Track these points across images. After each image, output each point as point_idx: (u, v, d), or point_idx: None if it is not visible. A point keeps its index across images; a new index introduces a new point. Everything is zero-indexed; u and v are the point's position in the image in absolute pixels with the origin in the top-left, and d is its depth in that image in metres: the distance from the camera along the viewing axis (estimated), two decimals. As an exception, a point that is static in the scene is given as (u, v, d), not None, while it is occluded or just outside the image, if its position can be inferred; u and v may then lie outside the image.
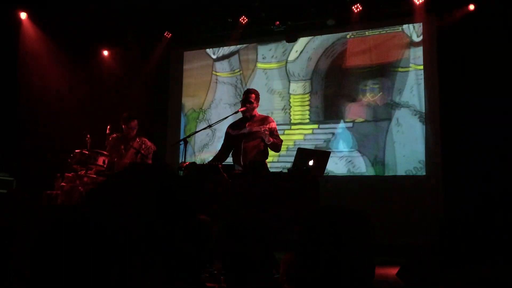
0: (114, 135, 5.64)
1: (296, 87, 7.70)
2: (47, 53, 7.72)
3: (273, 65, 7.93)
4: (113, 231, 0.87)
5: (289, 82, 7.77)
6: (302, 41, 7.74)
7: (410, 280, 3.55)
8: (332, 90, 7.45)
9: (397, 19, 7.05)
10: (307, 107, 7.57)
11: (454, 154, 6.30)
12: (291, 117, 7.65)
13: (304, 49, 7.72)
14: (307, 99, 7.58)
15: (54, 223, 1.26)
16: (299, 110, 7.63)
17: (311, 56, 7.65)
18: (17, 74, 7.56)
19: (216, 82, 8.26)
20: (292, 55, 7.82)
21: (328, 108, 7.43)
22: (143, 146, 5.56)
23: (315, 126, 7.48)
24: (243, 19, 7.62)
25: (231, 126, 5.01)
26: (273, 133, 4.75)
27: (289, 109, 7.68)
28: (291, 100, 7.69)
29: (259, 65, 8.03)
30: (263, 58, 8.01)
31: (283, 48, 7.87)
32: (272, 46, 7.97)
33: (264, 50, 8.04)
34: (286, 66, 7.83)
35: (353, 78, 7.31)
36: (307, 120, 7.55)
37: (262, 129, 4.63)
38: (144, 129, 6.66)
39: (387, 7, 6.97)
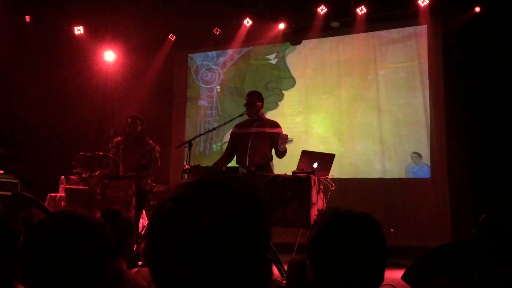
0: (118, 138, 5.64)
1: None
2: (51, 55, 7.75)
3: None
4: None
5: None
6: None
7: (416, 283, 3.52)
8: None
9: (402, 21, 7.03)
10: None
11: (459, 156, 6.28)
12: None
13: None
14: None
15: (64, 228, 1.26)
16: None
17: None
18: (21, 77, 7.59)
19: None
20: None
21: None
22: (147, 148, 5.54)
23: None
24: (247, 21, 7.63)
25: (237, 126, 4.94)
26: (279, 137, 4.76)
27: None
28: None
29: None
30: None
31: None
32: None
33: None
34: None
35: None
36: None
37: (281, 134, 4.61)
38: (148, 132, 6.66)
39: (392, 9, 6.96)
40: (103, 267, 1.27)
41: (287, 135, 4.61)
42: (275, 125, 4.85)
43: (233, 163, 5.01)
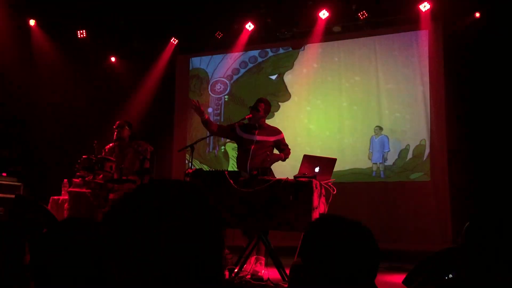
0: (110, 145, 5.70)
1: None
2: (54, 60, 7.79)
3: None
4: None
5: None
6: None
7: (417, 287, 3.53)
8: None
9: (404, 26, 7.07)
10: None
11: (459, 160, 6.31)
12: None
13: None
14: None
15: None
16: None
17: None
18: (24, 80, 7.63)
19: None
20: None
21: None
22: (140, 148, 5.58)
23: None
24: (249, 26, 7.67)
25: (241, 127, 4.98)
26: (281, 142, 4.91)
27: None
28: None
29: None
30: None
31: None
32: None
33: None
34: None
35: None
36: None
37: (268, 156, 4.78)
38: (150, 135, 6.70)
39: (393, 14, 6.99)
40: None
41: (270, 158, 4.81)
42: (277, 132, 4.95)
43: (233, 167, 5.11)
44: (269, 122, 5.17)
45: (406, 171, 6.79)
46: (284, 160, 4.93)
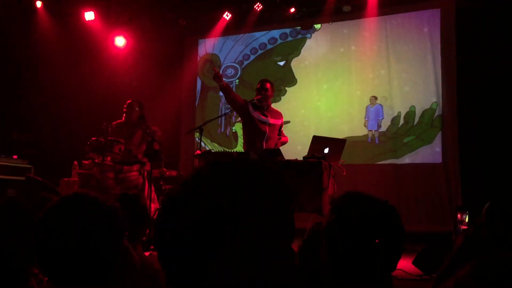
0: (116, 122, 5.69)
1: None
2: (63, 41, 7.77)
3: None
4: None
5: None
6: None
7: (427, 268, 3.53)
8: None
9: (415, 4, 6.95)
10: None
11: (471, 141, 6.24)
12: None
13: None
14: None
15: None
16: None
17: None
18: (34, 63, 7.64)
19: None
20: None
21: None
22: (148, 131, 5.57)
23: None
24: (258, 6, 7.58)
25: (253, 106, 4.97)
26: (282, 126, 5.08)
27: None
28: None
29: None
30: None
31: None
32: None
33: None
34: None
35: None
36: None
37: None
38: (158, 118, 6.70)
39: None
40: (115, 250, 1.28)
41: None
42: (280, 115, 5.10)
43: (240, 148, 5.19)
44: (275, 106, 5.21)
45: (399, 136, 6.89)
46: (285, 143, 5.12)
